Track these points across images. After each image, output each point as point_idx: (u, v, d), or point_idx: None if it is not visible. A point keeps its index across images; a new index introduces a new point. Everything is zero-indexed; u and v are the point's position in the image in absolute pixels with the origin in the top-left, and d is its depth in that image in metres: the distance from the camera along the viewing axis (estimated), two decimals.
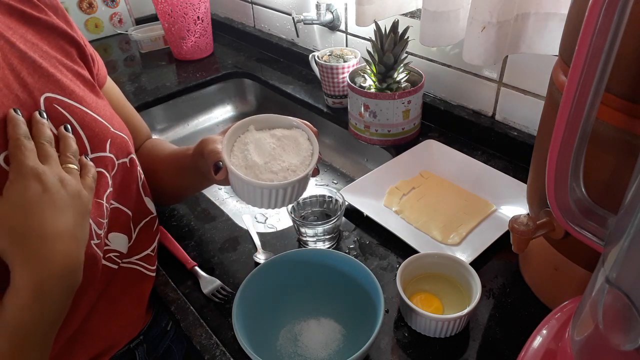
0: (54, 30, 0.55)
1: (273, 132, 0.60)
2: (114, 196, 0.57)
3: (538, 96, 0.83)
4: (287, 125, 0.61)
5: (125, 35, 1.52)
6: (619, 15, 0.33)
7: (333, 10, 1.11)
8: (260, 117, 0.60)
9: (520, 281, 0.65)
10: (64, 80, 0.53)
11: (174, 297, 0.65)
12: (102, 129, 0.56)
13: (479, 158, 0.86)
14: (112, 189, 0.56)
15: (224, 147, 0.56)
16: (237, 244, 0.74)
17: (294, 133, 0.60)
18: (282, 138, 0.59)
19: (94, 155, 0.54)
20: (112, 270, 0.58)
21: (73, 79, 0.55)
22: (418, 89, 0.89)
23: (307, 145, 0.59)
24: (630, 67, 0.38)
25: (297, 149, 0.59)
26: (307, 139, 0.60)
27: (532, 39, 0.72)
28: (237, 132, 0.59)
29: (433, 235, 0.72)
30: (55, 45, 0.55)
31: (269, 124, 0.60)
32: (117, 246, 0.58)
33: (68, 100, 0.53)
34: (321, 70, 1.04)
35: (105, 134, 0.56)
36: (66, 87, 0.53)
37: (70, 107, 0.53)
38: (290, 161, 0.57)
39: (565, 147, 0.40)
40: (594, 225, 0.43)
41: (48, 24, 0.54)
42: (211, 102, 1.33)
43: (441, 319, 0.55)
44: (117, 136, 0.58)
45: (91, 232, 0.50)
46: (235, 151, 0.57)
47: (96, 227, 0.52)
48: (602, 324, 0.34)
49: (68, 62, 0.56)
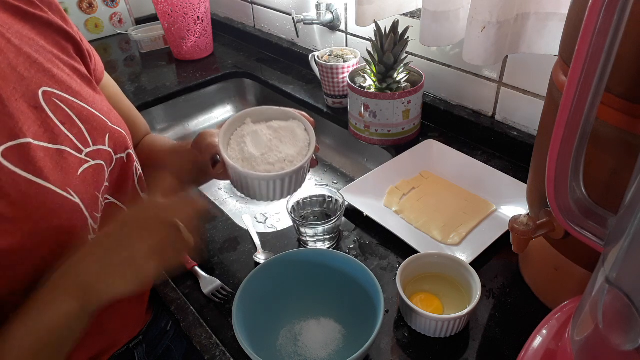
0: (49, 26, 0.55)
1: (270, 124, 0.60)
2: (110, 191, 0.57)
3: (538, 96, 0.83)
4: (284, 116, 0.60)
5: (125, 35, 1.52)
6: (619, 15, 0.33)
7: (333, 10, 1.11)
8: (257, 110, 0.60)
9: (520, 281, 0.64)
10: (61, 75, 0.53)
11: (174, 297, 0.65)
12: (100, 123, 0.55)
13: (479, 158, 0.86)
14: (108, 184, 0.56)
15: (221, 140, 0.56)
16: (237, 244, 0.74)
17: (290, 124, 0.60)
18: (279, 129, 0.59)
19: (94, 147, 0.54)
20: None
21: (70, 74, 0.55)
22: (418, 89, 0.89)
23: (304, 136, 0.59)
24: (630, 67, 0.38)
25: (294, 140, 0.58)
26: (304, 129, 0.60)
27: (532, 39, 0.72)
28: (234, 125, 0.59)
29: (433, 235, 0.72)
30: (51, 41, 0.55)
31: (265, 116, 0.60)
32: None
33: (65, 94, 0.52)
34: (321, 70, 1.04)
35: (104, 128, 0.56)
36: (63, 82, 0.53)
37: (68, 101, 0.52)
38: (287, 152, 0.57)
39: (565, 147, 0.40)
40: (594, 225, 0.43)
41: (43, 20, 0.54)
42: (211, 102, 1.33)
43: (441, 319, 0.55)
44: (115, 131, 0.57)
45: (88, 227, 0.50)
46: (232, 144, 0.57)
47: (93, 223, 0.52)
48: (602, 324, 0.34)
49: (65, 57, 0.56)
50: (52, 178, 0.47)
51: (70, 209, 0.48)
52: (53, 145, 0.49)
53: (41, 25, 0.54)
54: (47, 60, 0.52)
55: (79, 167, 0.51)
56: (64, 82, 0.53)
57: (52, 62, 0.53)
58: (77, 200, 0.49)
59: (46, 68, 0.52)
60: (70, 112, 0.52)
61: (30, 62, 0.50)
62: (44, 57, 0.52)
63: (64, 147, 0.50)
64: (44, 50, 0.53)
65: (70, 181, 0.49)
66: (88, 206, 0.50)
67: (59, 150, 0.49)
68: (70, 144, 0.51)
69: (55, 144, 0.49)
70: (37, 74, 0.50)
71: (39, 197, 0.45)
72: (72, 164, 0.50)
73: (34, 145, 0.47)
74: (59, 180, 0.47)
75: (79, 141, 0.52)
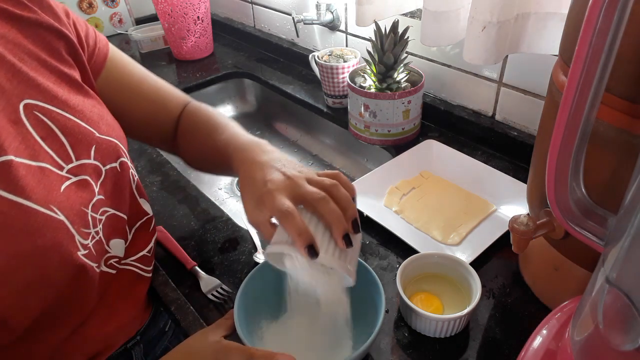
0: (39, 26, 0.52)
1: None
2: (108, 203, 0.55)
3: (538, 96, 0.83)
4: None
5: (125, 35, 1.52)
6: (619, 15, 0.33)
7: (333, 10, 1.11)
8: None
9: (520, 281, 0.64)
10: (46, 84, 0.51)
11: (174, 297, 0.65)
12: (85, 135, 0.53)
13: (479, 158, 0.86)
14: (102, 197, 0.54)
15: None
16: (237, 244, 0.74)
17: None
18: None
19: (77, 162, 0.51)
20: (111, 275, 0.58)
21: (57, 81, 0.53)
22: (418, 89, 0.89)
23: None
24: (630, 67, 0.38)
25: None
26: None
27: (532, 39, 0.72)
28: None
29: (433, 235, 0.72)
30: (40, 42, 0.52)
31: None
32: (117, 252, 0.58)
33: (49, 106, 0.50)
34: (321, 70, 1.04)
35: (90, 141, 0.53)
36: (48, 92, 0.51)
37: (52, 113, 0.50)
38: None
39: (565, 147, 0.40)
40: (594, 225, 0.43)
41: (32, 21, 0.52)
42: (211, 102, 1.32)
43: (441, 319, 0.55)
44: (104, 141, 0.55)
45: (75, 244, 0.49)
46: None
47: (81, 239, 0.50)
48: (602, 324, 0.34)
49: (53, 61, 0.53)
50: (35, 196, 0.45)
51: (54, 226, 0.46)
52: (34, 162, 0.47)
53: (29, 27, 0.52)
54: (32, 68, 0.50)
55: (61, 184, 0.49)
56: (49, 92, 0.51)
57: (38, 70, 0.51)
58: (61, 217, 0.47)
59: (30, 77, 0.49)
60: (53, 125, 0.50)
61: (13, 72, 0.48)
62: (29, 65, 0.50)
63: (44, 164, 0.48)
64: (30, 56, 0.51)
65: (54, 198, 0.47)
66: (74, 222, 0.49)
67: (40, 167, 0.47)
68: (51, 160, 0.49)
69: (36, 160, 0.47)
70: (19, 85, 0.48)
71: (21, 217, 0.44)
72: (54, 181, 0.48)
73: (16, 163, 0.45)
74: (41, 198, 0.46)
75: (60, 157, 0.50)
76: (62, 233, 0.47)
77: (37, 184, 0.46)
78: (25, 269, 0.44)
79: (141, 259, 0.63)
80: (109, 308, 0.59)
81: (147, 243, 0.65)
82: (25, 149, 0.46)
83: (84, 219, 0.51)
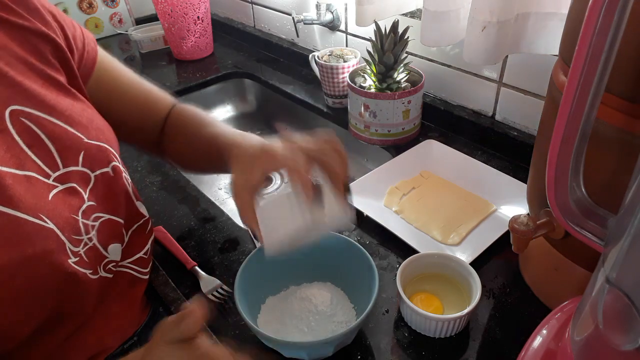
0: (24, 30, 0.51)
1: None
2: (101, 209, 0.54)
3: (538, 96, 0.83)
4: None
5: (125, 35, 1.52)
6: (619, 15, 0.33)
7: (333, 10, 1.11)
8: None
9: (520, 281, 0.64)
10: (34, 89, 0.50)
11: (174, 297, 0.65)
12: (74, 141, 0.52)
13: (479, 158, 0.86)
14: (93, 203, 0.53)
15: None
16: (237, 244, 0.74)
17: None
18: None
19: (64, 170, 0.51)
20: (108, 280, 0.58)
21: (45, 85, 0.52)
22: (418, 89, 0.89)
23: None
24: (630, 67, 0.38)
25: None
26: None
27: (532, 39, 0.72)
28: None
29: (433, 235, 0.72)
30: (27, 45, 0.51)
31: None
32: (114, 256, 0.57)
33: (36, 112, 0.49)
34: (321, 70, 1.04)
35: (78, 146, 0.52)
36: (35, 97, 0.50)
37: (39, 119, 0.49)
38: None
39: (565, 147, 0.40)
40: (594, 225, 0.43)
41: (17, 25, 0.51)
42: (211, 102, 1.33)
43: (441, 319, 0.55)
44: (93, 147, 0.54)
45: (66, 252, 0.48)
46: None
47: (71, 246, 0.49)
48: (602, 324, 0.34)
49: (40, 65, 0.52)
50: (23, 206, 0.44)
51: (44, 235, 0.46)
52: (21, 172, 0.46)
53: (16, 30, 0.50)
54: (19, 72, 0.49)
55: (49, 193, 0.48)
56: (36, 97, 0.50)
57: (25, 74, 0.50)
58: (51, 225, 0.47)
59: (17, 82, 0.48)
60: (40, 131, 0.49)
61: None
62: (16, 69, 0.49)
63: (31, 172, 0.47)
64: (16, 60, 0.50)
65: (43, 207, 0.46)
66: (64, 230, 0.48)
67: (27, 176, 0.46)
68: (37, 169, 0.48)
69: (22, 169, 0.46)
70: (5, 90, 0.47)
71: (9, 228, 0.43)
72: (42, 190, 0.47)
73: (2, 172, 0.44)
74: (30, 207, 0.45)
75: (47, 165, 0.49)
76: (52, 241, 0.47)
77: (24, 192, 0.45)
78: (14, 280, 0.44)
79: (138, 261, 0.63)
80: (106, 311, 0.59)
81: (144, 245, 0.64)
82: (11, 158, 0.46)
83: (75, 226, 0.50)
